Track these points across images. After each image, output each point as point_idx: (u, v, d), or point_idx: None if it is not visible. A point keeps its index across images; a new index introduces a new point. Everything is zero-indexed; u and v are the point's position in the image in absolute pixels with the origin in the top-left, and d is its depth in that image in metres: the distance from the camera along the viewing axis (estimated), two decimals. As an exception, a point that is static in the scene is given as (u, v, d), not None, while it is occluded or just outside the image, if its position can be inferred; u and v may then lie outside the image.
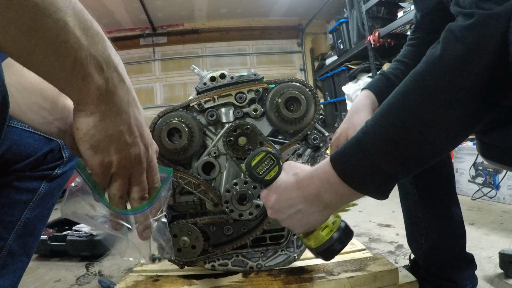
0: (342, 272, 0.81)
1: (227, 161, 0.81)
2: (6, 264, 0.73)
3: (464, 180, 2.25)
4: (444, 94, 0.44)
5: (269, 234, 0.84)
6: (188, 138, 0.78)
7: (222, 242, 0.82)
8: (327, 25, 5.29)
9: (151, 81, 5.52)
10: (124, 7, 4.70)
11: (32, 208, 0.76)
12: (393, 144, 0.48)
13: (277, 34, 5.64)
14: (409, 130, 0.47)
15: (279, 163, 0.63)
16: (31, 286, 1.25)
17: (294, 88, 0.81)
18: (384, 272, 0.81)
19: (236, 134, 0.79)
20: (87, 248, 1.49)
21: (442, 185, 0.86)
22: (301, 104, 0.80)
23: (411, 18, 3.05)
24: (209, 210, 0.81)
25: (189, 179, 0.79)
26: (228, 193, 0.77)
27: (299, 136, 0.81)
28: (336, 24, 4.44)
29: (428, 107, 0.46)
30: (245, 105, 0.81)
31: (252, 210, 0.77)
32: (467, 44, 0.43)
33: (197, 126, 0.80)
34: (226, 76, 0.81)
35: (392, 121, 0.48)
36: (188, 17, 5.17)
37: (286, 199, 0.58)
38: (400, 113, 0.48)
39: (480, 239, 1.39)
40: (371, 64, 3.72)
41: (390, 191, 0.53)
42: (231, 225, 0.81)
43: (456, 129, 0.47)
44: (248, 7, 5.01)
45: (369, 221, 1.78)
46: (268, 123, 0.82)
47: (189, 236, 0.79)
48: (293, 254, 0.85)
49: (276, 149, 0.80)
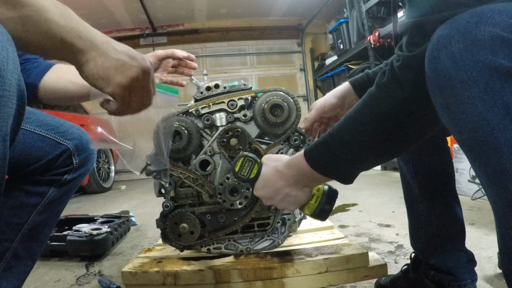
0: (319, 254, 0.97)
1: (220, 159, 0.97)
2: (11, 267, 0.76)
3: (464, 180, 2.26)
4: (374, 118, 0.61)
5: (257, 222, 1.00)
6: (187, 139, 0.94)
7: (216, 229, 0.99)
8: (327, 25, 5.35)
9: (151, 81, 5.64)
10: (124, 7, 4.77)
11: (40, 212, 0.79)
12: (345, 146, 0.66)
13: (277, 34, 5.69)
14: (354, 139, 0.65)
15: (257, 161, 0.80)
16: (31, 286, 1.26)
17: (279, 96, 0.97)
18: (356, 256, 0.96)
19: (228, 136, 0.95)
20: (87, 248, 1.50)
21: (443, 182, 0.91)
22: (284, 110, 0.96)
23: (409, 19, 3.16)
24: (205, 201, 0.98)
25: (188, 174, 0.96)
26: (221, 186, 0.93)
27: (282, 138, 0.98)
28: (336, 24, 4.51)
29: (365, 126, 0.63)
30: (236, 111, 0.97)
31: (242, 201, 0.93)
32: (395, 79, 0.59)
33: (195, 129, 0.96)
34: (219, 86, 0.98)
35: (345, 129, 0.66)
36: (188, 17, 5.25)
37: (273, 188, 0.77)
38: (350, 125, 0.65)
39: (480, 239, 1.39)
40: (371, 64, 3.80)
41: (352, 179, 0.70)
42: (224, 214, 0.98)
43: (385, 149, 0.64)
44: (248, 7, 5.06)
45: (369, 221, 1.81)
46: (256, 127, 0.99)
47: (188, 223, 0.96)
48: (277, 239, 1.01)
49: (263, 149, 0.96)
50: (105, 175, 4.14)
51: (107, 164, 4.24)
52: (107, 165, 4.25)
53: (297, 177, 0.74)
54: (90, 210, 2.84)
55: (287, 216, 1.00)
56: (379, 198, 2.31)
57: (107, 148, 1.16)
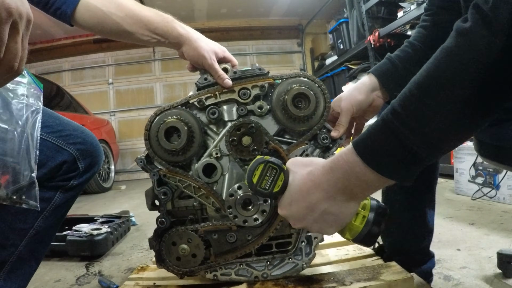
0: (355, 281, 0.74)
1: (229, 163, 0.74)
2: (15, 269, 0.73)
3: (464, 180, 2.20)
4: (473, 71, 0.41)
5: (276, 241, 0.77)
6: (187, 138, 0.70)
7: (225, 251, 0.75)
8: (327, 25, 5.27)
9: (151, 81, 5.45)
10: None
11: (46, 217, 0.74)
12: (426, 123, 0.44)
13: (277, 34, 5.64)
14: (443, 107, 0.43)
15: (282, 169, 0.55)
16: (31, 286, 1.26)
17: (303, 83, 0.74)
18: (399, 281, 0.74)
19: (240, 133, 0.71)
20: (87, 248, 1.47)
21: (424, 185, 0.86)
22: (310, 101, 0.73)
23: (411, 18, 3.01)
24: (211, 215, 0.74)
25: (188, 182, 0.72)
26: (232, 197, 0.69)
27: (307, 136, 0.74)
28: (336, 24, 4.41)
29: (461, 83, 0.42)
30: (250, 102, 0.74)
31: (257, 216, 0.70)
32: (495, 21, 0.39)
33: (197, 124, 0.72)
34: (228, 70, 0.74)
35: (415, 101, 0.45)
36: (188, 17, 5.16)
37: (306, 204, 0.53)
38: (422, 95, 0.44)
39: (480, 239, 1.35)
40: (371, 64, 3.70)
41: (415, 177, 0.49)
42: (234, 232, 0.74)
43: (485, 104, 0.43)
44: (248, 7, 5.02)
45: None
46: (274, 122, 0.75)
47: (189, 244, 0.72)
48: (301, 262, 0.77)
49: (283, 149, 0.73)
50: (105, 175, 4.15)
51: (107, 164, 4.18)
52: (107, 165, 4.14)
53: (342, 185, 0.50)
54: (90, 210, 2.77)
55: (314, 234, 0.77)
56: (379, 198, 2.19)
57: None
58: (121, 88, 5.45)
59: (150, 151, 0.71)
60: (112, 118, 5.32)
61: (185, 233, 0.72)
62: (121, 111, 5.39)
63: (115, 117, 5.38)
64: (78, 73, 5.44)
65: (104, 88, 5.43)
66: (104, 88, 5.43)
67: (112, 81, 5.45)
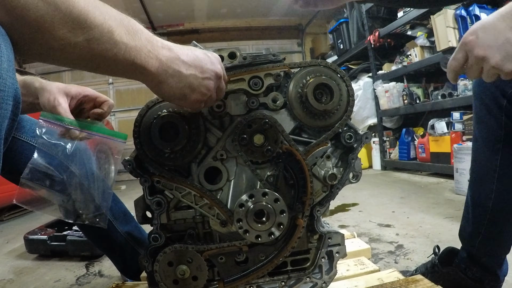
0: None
1: (237, 166, 0.60)
2: None
3: (464, 180, 2.10)
4: None
5: (291, 258, 0.63)
6: (186, 136, 0.57)
7: (232, 275, 0.60)
8: (327, 25, 5.17)
9: (151, 81, 5.34)
10: (124, 7, 4.50)
11: None
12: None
13: (277, 34, 5.52)
14: None
15: None
16: (31, 286, 1.21)
17: (324, 73, 0.60)
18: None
19: (251, 130, 0.57)
20: (87, 248, 1.44)
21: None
22: (333, 94, 0.59)
23: (411, 18, 2.93)
24: (214, 229, 0.60)
25: (188, 190, 0.58)
26: (242, 208, 0.55)
27: (329, 134, 0.60)
28: (336, 24, 4.32)
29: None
30: (262, 93, 0.60)
31: (273, 230, 0.56)
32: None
33: (198, 120, 0.59)
34: (237, 55, 0.59)
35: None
36: (188, 17, 5.06)
37: (492, 32, 0.53)
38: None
39: None
40: (371, 64, 3.65)
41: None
42: (244, 251, 0.60)
43: None
44: (248, 7, 4.91)
45: (369, 221, 1.69)
46: (289, 118, 0.61)
47: (188, 264, 0.58)
48: (320, 281, 0.64)
49: (300, 151, 0.59)
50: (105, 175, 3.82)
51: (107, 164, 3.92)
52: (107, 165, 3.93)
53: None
54: (90, 210, 2.68)
55: (335, 249, 0.63)
56: (379, 198, 2.14)
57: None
58: (121, 88, 5.34)
59: (141, 151, 0.57)
60: (112, 118, 5.19)
61: (184, 251, 0.58)
62: (121, 111, 5.27)
63: (115, 117, 5.26)
64: (78, 73, 5.31)
65: (104, 88, 5.30)
66: (104, 88, 5.30)
67: (112, 81, 5.33)
